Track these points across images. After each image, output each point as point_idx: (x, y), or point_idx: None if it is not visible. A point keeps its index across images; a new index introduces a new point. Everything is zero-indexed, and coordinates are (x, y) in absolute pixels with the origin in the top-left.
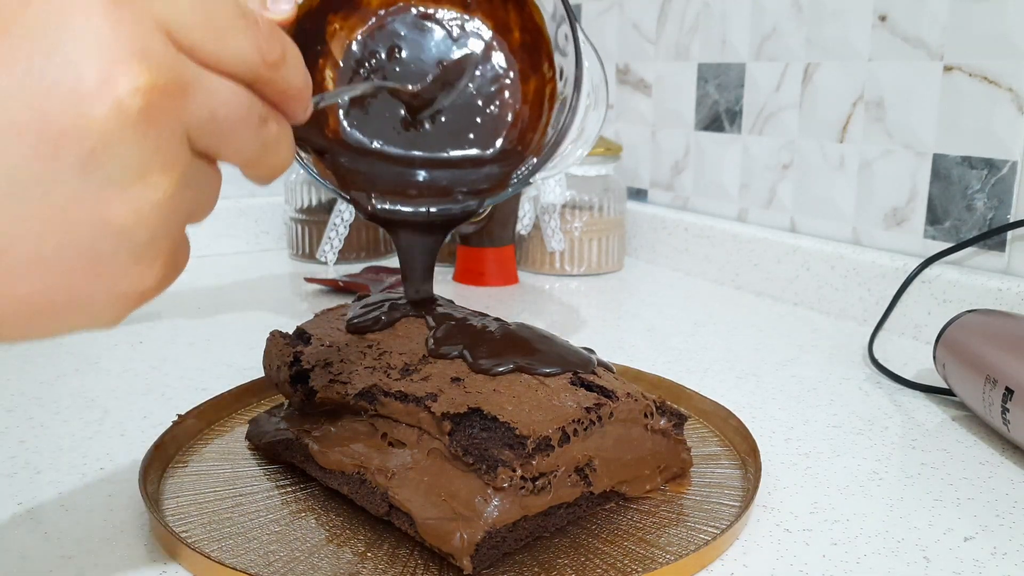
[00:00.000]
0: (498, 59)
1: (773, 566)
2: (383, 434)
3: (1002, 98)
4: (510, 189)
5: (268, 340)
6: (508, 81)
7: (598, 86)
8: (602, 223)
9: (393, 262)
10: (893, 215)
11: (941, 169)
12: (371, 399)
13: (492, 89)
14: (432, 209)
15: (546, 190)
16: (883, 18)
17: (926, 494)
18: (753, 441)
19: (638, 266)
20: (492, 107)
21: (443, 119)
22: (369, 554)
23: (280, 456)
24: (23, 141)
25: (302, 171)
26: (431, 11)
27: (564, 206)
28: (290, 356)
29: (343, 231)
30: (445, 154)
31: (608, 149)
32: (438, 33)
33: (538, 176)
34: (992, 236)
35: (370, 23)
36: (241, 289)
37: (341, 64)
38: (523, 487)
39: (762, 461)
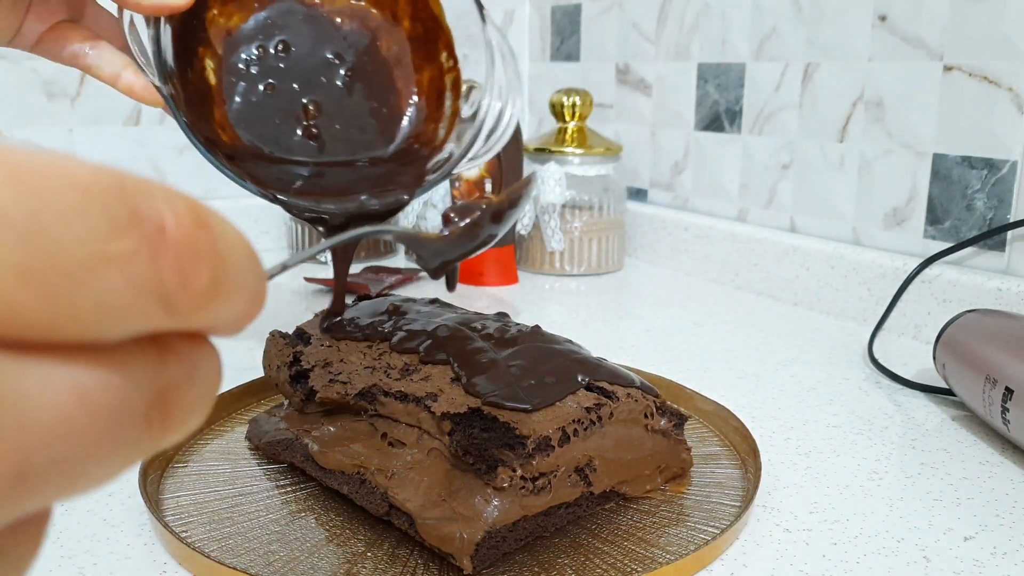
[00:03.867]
0: (387, 49)
1: (773, 566)
2: (383, 434)
3: (1002, 98)
4: (428, 181)
5: (268, 340)
6: (399, 73)
7: (511, 76)
8: (602, 223)
9: (393, 262)
10: (893, 215)
11: (941, 169)
12: (371, 399)
13: (383, 84)
14: (349, 206)
15: (546, 190)
16: (883, 18)
17: (926, 494)
18: (753, 441)
19: (638, 266)
20: (386, 103)
21: (337, 125)
22: (369, 554)
23: (280, 456)
24: None
25: None
26: (319, 8)
27: (564, 206)
28: (290, 356)
29: None
30: (349, 157)
31: (608, 149)
32: (323, 23)
33: (460, 167)
34: (992, 236)
35: (249, 11)
36: None
37: (222, 54)
38: (523, 487)
39: (762, 461)
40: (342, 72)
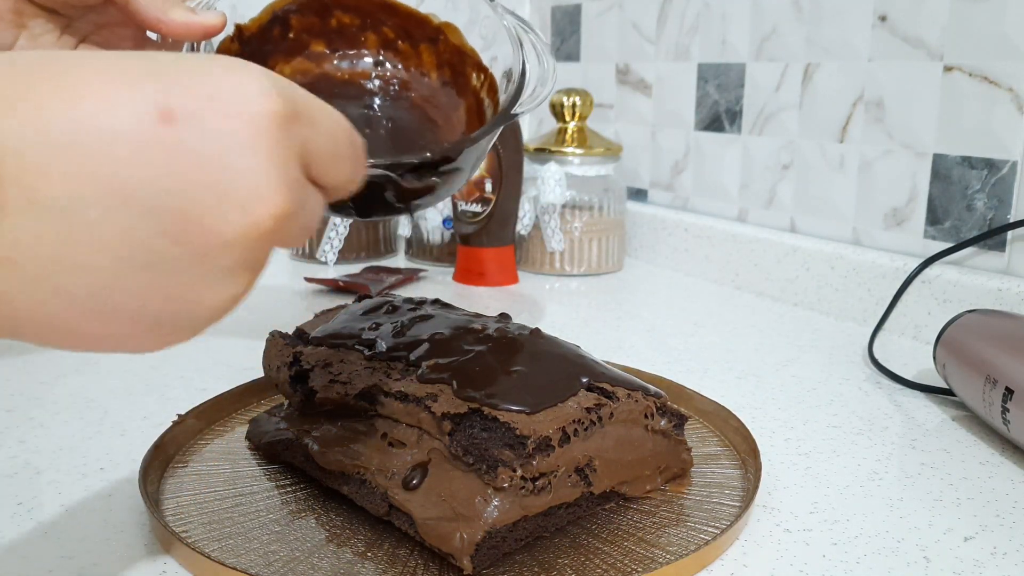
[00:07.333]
0: (423, 101)
1: (773, 566)
2: (383, 434)
3: (1002, 98)
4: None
5: (268, 340)
6: (440, 119)
7: (536, 43)
8: (602, 223)
9: (393, 262)
10: (893, 215)
11: (941, 169)
12: (371, 399)
13: (423, 128)
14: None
15: (546, 190)
16: (883, 18)
17: (926, 494)
18: (753, 441)
19: (638, 266)
20: (429, 138)
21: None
22: (369, 554)
23: (280, 456)
24: (161, 218)
25: None
26: (351, 80)
27: (564, 206)
28: (290, 356)
29: (343, 231)
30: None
31: (608, 149)
32: (358, 89)
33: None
34: (992, 236)
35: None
36: None
37: None
38: (523, 487)
39: (762, 461)
40: (384, 122)
